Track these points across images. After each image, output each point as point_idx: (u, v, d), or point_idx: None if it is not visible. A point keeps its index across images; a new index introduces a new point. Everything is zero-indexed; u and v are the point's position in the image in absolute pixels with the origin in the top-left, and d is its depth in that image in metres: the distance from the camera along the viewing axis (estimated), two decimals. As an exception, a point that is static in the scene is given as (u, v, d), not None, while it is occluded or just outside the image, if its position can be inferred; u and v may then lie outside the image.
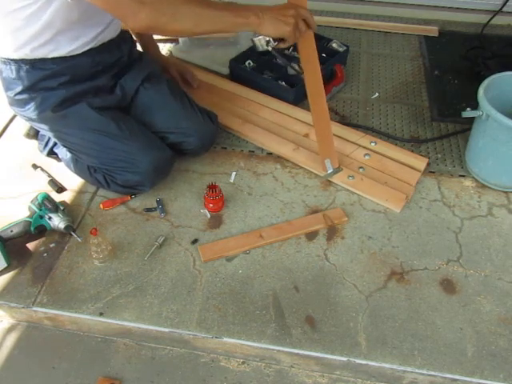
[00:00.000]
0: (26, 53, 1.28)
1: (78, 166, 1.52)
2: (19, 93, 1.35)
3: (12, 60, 1.30)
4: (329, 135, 1.51)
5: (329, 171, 1.54)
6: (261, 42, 1.24)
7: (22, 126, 1.66)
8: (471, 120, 1.52)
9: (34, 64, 1.30)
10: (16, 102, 1.39)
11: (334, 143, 1.61)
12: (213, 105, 1.69)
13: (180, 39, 2.10)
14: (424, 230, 1.43)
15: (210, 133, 1.56)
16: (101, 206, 1.47)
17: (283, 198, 1.51)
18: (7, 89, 1.37)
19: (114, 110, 1.44)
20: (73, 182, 1.54)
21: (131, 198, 1.49)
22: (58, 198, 1.47)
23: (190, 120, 1.51)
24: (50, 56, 1.30)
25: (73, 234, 1.36)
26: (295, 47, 1.94)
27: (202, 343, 1.23)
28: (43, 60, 1.30)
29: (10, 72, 1.33)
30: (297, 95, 1.77)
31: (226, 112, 1.74)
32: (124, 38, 1.49)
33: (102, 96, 1.42)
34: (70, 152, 1.49)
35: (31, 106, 1.37)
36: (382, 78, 1.99)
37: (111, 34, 1.39)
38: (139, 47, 1.68)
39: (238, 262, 1.35)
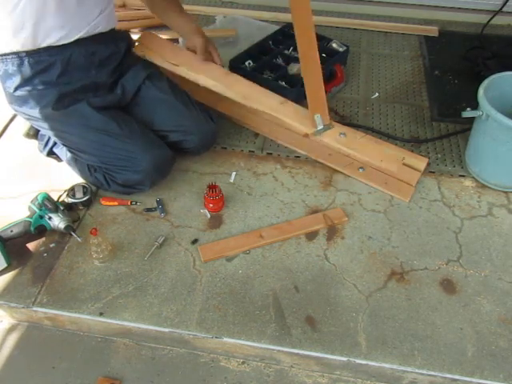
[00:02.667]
0: (17, 48, 1.30)
1: (77, 166, 1.52)
2: (17, 88, 1.36)
3: (6, 55, 1.32)
4: (320, 88, 1.41)
5: (319, 128, 1.44)
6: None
7: (21, 125, 1.66)
8: (471, 120, 1.52)
9: (29, 57, 1.32)
10: (15, 100, 1.39)
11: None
12: (213, 104, 1.69)
13: (180, 39, 2.10)
14: (424, 230, 1.43)
15: (211, 131, 1.56)
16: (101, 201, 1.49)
17: (283, 197, 1.51)
18: (5, 85, 1.38)
19: (114, 109, 1.44)
20: (73, 181, 1.54)
21: (131, 204, 1.49)
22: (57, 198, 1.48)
23: (190, 118, 1.51)
24: (43, 45, 1.31)
25: (73, 234, 1.36)
26: (295, 47, 1.95)
27: (201, 343, 1.23)
28: (37, 52, 1.31)
29: (6, 67, 1.34)
30: (297, 95, 1.77)
31: (225, 109, 1.73)
32: (121, 36, 1.50)
33: (102, 95, 1.42)
34: (70, 151, 1.49)
35: (30, 102, 1.37)
36: (382, 78, 1.99)
37: (103, 25, 1.40)
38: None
39: (237, 262, 1.35)
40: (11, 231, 1.34)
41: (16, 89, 1.36)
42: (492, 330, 1.21)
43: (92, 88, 1.41)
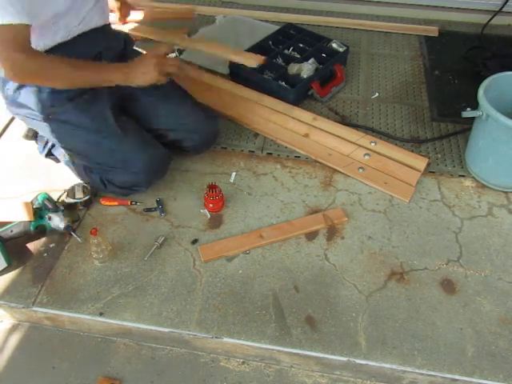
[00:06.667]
0: None
1: (75, 167, 1.52)
2: (16, 90, 1.35)
3: None
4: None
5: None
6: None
7: (21, 126, 1.66)
8: (471, 120, 1.52)
9: None
10: (14, 102, 1.39)
11: (335, 143, 1.63)
12: (213, 104, 1.69)
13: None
14: (424, 229, 1.43)
15: (213, 129, 1.56)
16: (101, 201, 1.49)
17: (283, 197, 1.51)
18: (5, 88, 1.37)
19: (108, 109, 1.43)
20: (73, 182, 1.54)
21: (131, 204, 1.49)
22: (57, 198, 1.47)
23: (191, 116, 1.51)
24: (44, 48, 1.31)
25: (73, 234, 1.36)
26: (295, 47, 1.95)
27: (201, 343, 1.23)
28: None
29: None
30: (297, 95, 1.77)
31: (224, 105, 1.74)
32: (118, 32, 1.52)
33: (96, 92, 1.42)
34: (68, 154, 1.49)
35: (28, 104, 1.36)
36: (382, 78, 1.99)
37: (95, 20, 1.40)
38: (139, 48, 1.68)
39: (238, 262, 1.35)
40: (11, 231, 1.34)
41: (15, 91, 1.36)
42: (492, 330, 1.21)
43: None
